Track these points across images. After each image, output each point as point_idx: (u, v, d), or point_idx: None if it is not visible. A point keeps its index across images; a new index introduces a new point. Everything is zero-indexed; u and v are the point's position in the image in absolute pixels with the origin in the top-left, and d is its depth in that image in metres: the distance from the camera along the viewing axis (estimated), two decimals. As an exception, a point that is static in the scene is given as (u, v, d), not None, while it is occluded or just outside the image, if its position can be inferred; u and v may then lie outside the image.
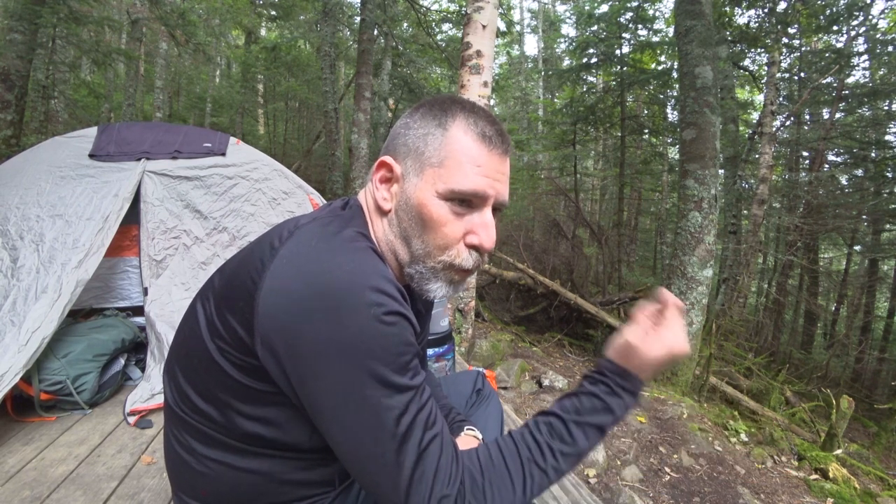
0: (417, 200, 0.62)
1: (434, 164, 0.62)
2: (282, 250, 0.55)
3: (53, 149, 2.20)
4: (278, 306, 0.52)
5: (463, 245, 0.63)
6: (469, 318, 3.39)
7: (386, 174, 0.66)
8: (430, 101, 0.66)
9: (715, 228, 4.15)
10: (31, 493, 1.34)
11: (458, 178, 0.60)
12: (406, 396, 0.52)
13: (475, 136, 0.62)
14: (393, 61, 9.29)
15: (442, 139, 0.62)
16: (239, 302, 0.56)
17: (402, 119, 0.68)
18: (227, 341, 0.57)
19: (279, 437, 0.61)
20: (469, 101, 0.67)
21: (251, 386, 0.58)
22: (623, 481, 2.26)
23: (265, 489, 0.64)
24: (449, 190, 0.60)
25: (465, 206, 0.62)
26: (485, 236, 0.63)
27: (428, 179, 0.62)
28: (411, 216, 0.63)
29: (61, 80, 6.64)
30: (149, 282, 2.11)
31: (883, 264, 9.40)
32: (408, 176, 0.64)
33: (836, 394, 3.42)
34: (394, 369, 0.51)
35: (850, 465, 3.01)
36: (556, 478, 0.60)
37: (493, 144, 0.62)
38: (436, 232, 0.62)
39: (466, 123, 0.62)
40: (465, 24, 3.15)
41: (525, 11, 18.55)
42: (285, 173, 2.60)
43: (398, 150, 0.65)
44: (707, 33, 4.22)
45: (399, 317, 0.52)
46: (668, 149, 10.61)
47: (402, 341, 0.52)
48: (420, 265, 0.64)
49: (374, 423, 0.51)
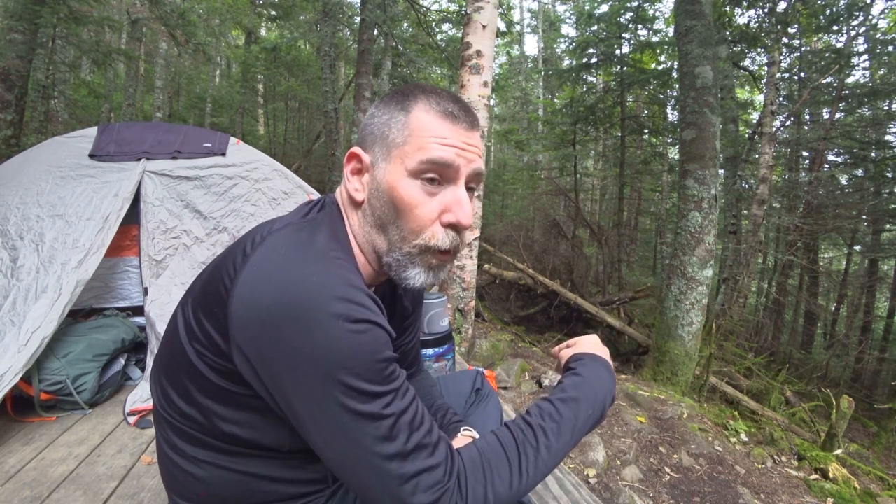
0: (388, 184, 0.62)
1: (399, 145, 0.62)
2: (252, 257, 0.56)
3: (53, 149, 2.20)
4: (249, 316, 0.52)
5: (438, 225, 0.63)
6: (469, 318, 3.39)
7: (356, 165, 0.67)
8: (393, 91, 0.67)
9: (715, 228, 4.15)
10: (31, 493, 1.34)
11: (422, 151, 0.60)
12: (383, 401, 0.52)
13: (437, 113, 0.62)
14: (393, 61, 9.28)
15: (405, 119, 0.62)
16: (214, 308, 0.57)
17: (368, 111, 0.69)
18: (205, 345, 0.58)
19: (258, 439, 0.61)
20: (431, 85, 0.67)
21: (228, 389, 0.58)
22: (623, 481, 2.26)
23: (256, 487, 0.64)
24: (416, 163, 0.60)
25: (436, 185, 0.62)
26: (460, 213, 0.62)
27: (396, 161, 0.62)
28: (384, 202, 0.63)
29: (61, 80, 6.64)
30: (149, 282, 2.11)
31: (883, 264, 9.40)
32: (377, 163, 0.64)
33: (836, 394, 3.42)
34: (367, 377, 0.51)
35: (850, 465, 3.01)
36: (548, 456, 0.61)
37: (457, 118, 0.63)
38: (409, 213, 0.61)
39: (427, 103, 0.63)
40: (465, 24, 3.15)
41: (525, 11, 18.57)
42: (285, 173, 2.60)
43: (366, 140, 0.66)
44: (707, 33, 4.22)
45: (369, 324, 0.52)
46: (668, 149, 10.61)
47: (373, 349, 0.52)
48: (396, 252, 0.64)
49: (353, 431, 0.51)
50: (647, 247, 12.79)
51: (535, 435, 0.61)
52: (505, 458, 0.59)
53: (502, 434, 0.62)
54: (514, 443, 0.60)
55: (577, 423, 0.65)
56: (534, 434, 0.61)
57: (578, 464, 2.32)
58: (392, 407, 0.53)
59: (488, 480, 0.57)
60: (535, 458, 0.60)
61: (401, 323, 0.88)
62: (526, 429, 0.62)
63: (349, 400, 0.50)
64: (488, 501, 0.56)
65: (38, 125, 5.71)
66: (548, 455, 0.61)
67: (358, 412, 0.51)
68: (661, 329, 4.29)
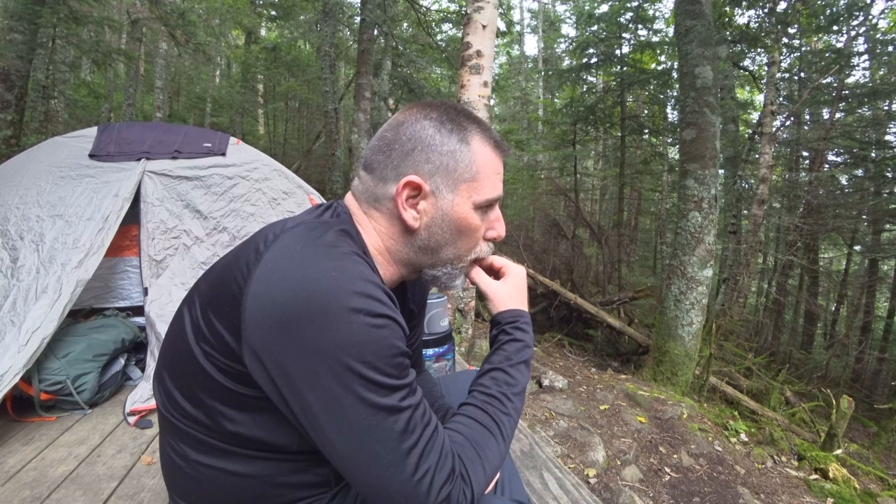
0: (457, 215, 0.67)
1: (467, 180, 0.67)
2: (266, 254, 0.55)
3: (53, 149, 2.20)
4: (264, 314, 0.52)
5: (482, 240, 0.73)
6: (469, 318, 3.39)
7: (412, 193, 0.66)
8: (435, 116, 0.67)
9: (715, 228, 4.15)
10: (31, 493, 1.34)
11: (489, 189, 0.68)
12: (400, 394, 0.53)
13: (492, 148, 0.69)
14: (393, 61, 9.28)
15: (470, 155, 0.67)
16: (226, 307, 0.56)
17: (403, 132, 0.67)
18: (214, 346, 0.57)
19: (267, 441, 0.61)
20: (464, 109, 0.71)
21: (237, 391, 0.58)
22: (623, 481, 2.26)
23: (260, 491, 0.64)
24: (485, 200, 0.68)
25: (487, 210, 0.70)
26: (501, 229, 0.74)
27: (464, 194, 0.67)
28: (447, 229, 0.68)
29: (61, 80, 6.63)
30: (149, 282, 2.11)
31: (883, 264, 9.40)
32: (440, 193, 0.66)
33: (836, 394, 3.42)
34: (385, 371, 0.52)
35: (850, 465, 3.01)
36: (517, 416, 0.69)
37: (502, 149, 0.71)
38: (469, 237, 0.70)
39: (482, 136, 0.68)
40: (465, 24, 3.15)
41: (525, 11, 18.57)
42: (285, 173, 2.59)
43: (420, 168, 0.65)
44: (707, 33, 4.22)
45: (386, 319, 0.53)
46: (668, 149, 10.61)
47: (390, 343, 0.52)
48: (449, 267, 0.71)
49: (373, 425, 0.51)
50: (647, 247, 12.79)
51: (503, 402, 0.67)
52: (488, 433, 0.63)
53: (473, 412, 0.66)
54: (488, 416, 0.65)
55: (524, 382, 0.72)
56: (500, 402, 0.67)
57: (578, 464, 2.32)
58: (407, 401, 0.54)
59: (483, 458, 0.60)
60: (508, 422, 0.66)
61: (408, 321, 0.88)
62: (492, 400, 0.67)
63: (369, 393, 0.51)
64: (487, 477, 0.61)
65: (38, 125, 5.70)
66: (515, 415, 0.68)
67: (378, 405, 0.51)
68: (661, 329, 4.29)
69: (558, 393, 3.22)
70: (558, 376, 3.41)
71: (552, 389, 3.26)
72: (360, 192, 0.70)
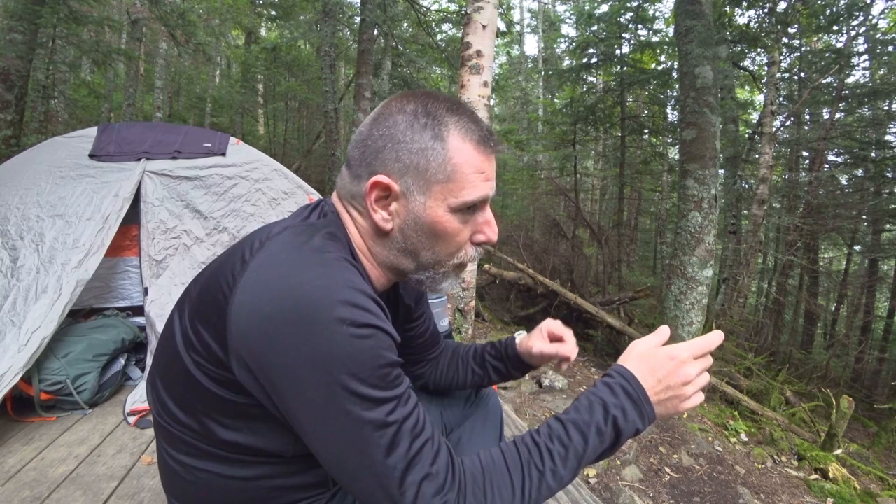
0: (430, 218, 0.61)
1: (441, 181, 0.60)
2: (252, 263, 0.55)
3: (53, 149, 2.20)
4: (250, 324, 0.51)
5: (469, 244, 0.66)
6: (469, 318, 3.39)
7: (381, 193, 0.62)
8: (411, 108, 0.61)
9: (715, 228, 4.15)
10: (31, 493, 1.34)
11: (468, 191, 0.61)
12: (387, 407, 0.51)
13: (474, 144, 0.61)
14: (393, 61, 9.28)
15: (444, 153, 0.60)
16: (212, 316, 0.55)
17: (377, 127, 0.62)
18: (202, 355, 0.56)
19: (262, 446, 0.60)
20: (449, 99, 0.64)
21: (229, 399, 0.57)
22: (623, 481, 2.26)
23: (258, 494, 0.64)
24: (462, 203, 0.61)
25: (470, 212, 0.64)
26: (490, 232, 0.66)
27: (437, 196, 0.61)
28: (421, 232, 0.62)
29: (61, 80, 6.63)
30: (149, 282, 2.11)
31: (883, 264, 9.39)
32: (410, 194, 0.61)
33: (836, 394, 3.41)
34: (371, 383, 0.50)
35: (850, 465, 3.01)
36: (554, 481, 0.58)
37: (488, 146, 0.63)
38: (448, 242, 0.64)
39: (462, 131, 0.61)
40: (465, 24, 3.15)
41: (525, 11, 18.56)
42: (285, 173, 2.60)
43: (389, 167, 0.61)
44: (707, 33, 4.22)
45: (372, 329, 0.51)
46: (668, 149, 10.60)
47: (376, 354, 0.51)
48: (430, 271, 0.66)
49: (357, 437, 0.50)
50: (647, 247, 12.79)
51: (542, 457, 0.59)
52: (508, 478, 0.57)
53: (508, 451, 0.60)
54: (519, 462, 0.58)
55: (584, 453, 0.60)
56: (540, 456, 0.59)
57: (578, 464, 2.31)
58: (395, 414, 0.52)
59: (488, 498, 0.55)
60: (538, 482, 0.58)
61: (407, 320, 0.88)
62: (533, 449, 0.59)
63: (353, 406, 0.50)
64: None
65: (38, 125, 5.70)
66: (552, 480, 0.58)
67: (362, 419, 0.50)
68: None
69: (558, 393, 3.22)
70: (558, 376, 3.41)
71: (552, 389, 3.26)
72: (340, 188, 0.67)
